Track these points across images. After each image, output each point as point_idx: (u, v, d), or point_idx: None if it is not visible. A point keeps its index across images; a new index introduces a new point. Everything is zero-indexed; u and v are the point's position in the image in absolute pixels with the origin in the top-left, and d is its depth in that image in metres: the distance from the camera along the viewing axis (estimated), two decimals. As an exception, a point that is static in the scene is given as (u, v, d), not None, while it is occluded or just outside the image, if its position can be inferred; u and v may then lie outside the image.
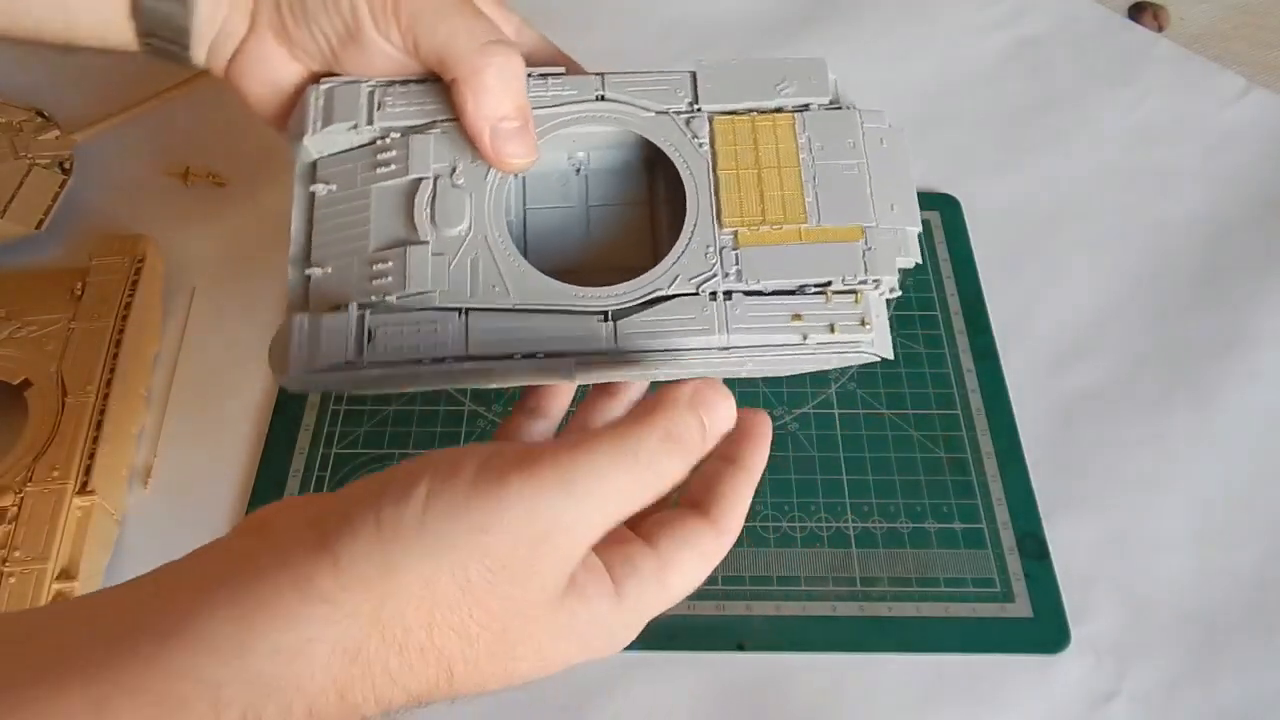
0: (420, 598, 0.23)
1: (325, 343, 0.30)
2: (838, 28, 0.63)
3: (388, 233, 0.31)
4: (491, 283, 0.31)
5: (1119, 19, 0.65)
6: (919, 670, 0.40)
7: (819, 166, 0.33)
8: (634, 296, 0.31)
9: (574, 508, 0.24)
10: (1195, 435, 0.46)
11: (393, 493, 0.23)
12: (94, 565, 0.40)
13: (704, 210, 0.32)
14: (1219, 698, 0.39)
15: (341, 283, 0.31)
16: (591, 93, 0.34)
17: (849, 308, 0.31)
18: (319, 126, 0.33)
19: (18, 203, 0.50)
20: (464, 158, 0.32)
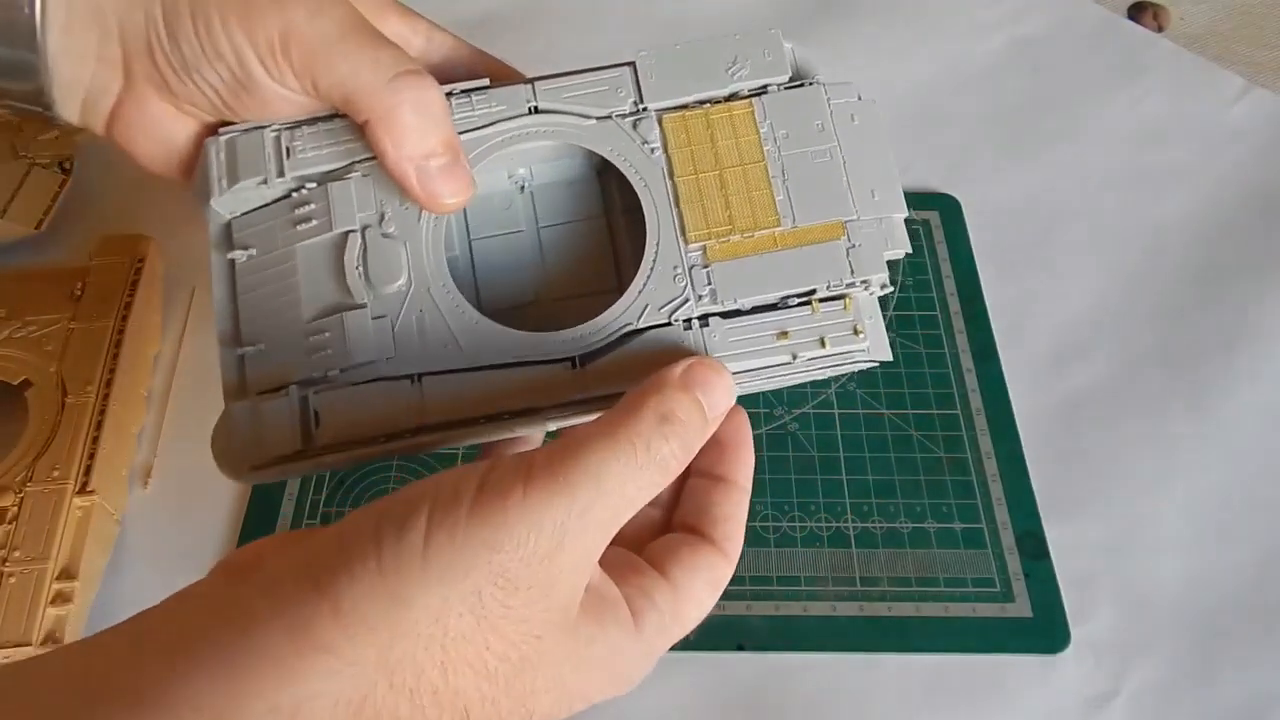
0: (430, 636, 0.21)
1: (269, 432, 0.27)
2: (838, 27, 0.63)
3: (321, 298, 0.28)
4: (442, 341, 0.28)
5: (1119, 19, 0.65)
6: (919, 670, 0.40)
7: (786, 158, 0.29)
8: (601, 336, 0.28)
9: (581, 512, 0.22)
10: (1195, 435, 0.46)
11: (391, 525, 0.22)
12: (94, 565, 0.40)
13: (665, 226, 0.29)
14: (1219, 698, 0.39)
15: (279, 361, 0.28)
16: (523, 105, 0.30)
17: (839, 316, 0.28)
18: (224, 186, 0.29)
19: (18, 203, 0.50)
20: (392, 201, 0.29)
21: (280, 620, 0.21)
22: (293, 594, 0.21)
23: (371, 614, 0.21)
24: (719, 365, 0.26)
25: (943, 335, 0.49)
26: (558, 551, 0.22)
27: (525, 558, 0.22)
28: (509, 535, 0.22)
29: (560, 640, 0.23)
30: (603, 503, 0.23)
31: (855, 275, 0.28)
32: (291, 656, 0.20)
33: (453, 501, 0.22)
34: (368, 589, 0.21)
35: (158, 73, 0.29)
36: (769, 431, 0.45)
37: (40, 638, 0.37)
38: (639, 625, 0.25)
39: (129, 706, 0.19)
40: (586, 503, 0.22)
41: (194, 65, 0.29)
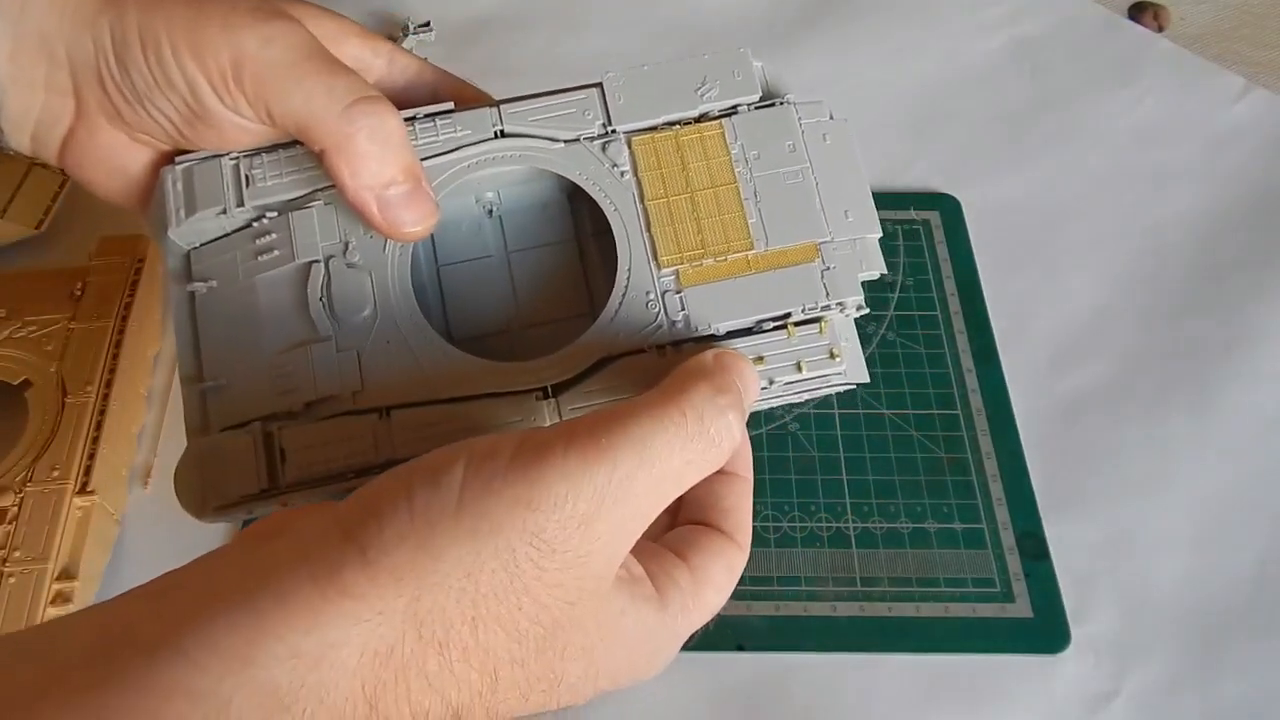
0: (462, 589, 0.20)
1: (232, 470, 0.26)
2: (837, 28, 0.63)
3: (284, 331, 0.27)
4: (410, 373, 0.27)
5: (1119, 19, 0.65)
6: (919, 670, 0.39)
7: (758, 179, 0.29)
8: (573, 365, 0.27)
9: (622, 479, 0.22)
10: (1195, 435, 0.46)
11: (424, 475, 0.21)
12: (94, 565, 0.40)
13: (637, 251, 0.28)
14: (1219, 698, 0.39)
15: (242, 396, 0.27)
16: (488, 129, 0.29)
17: (814, 339, 0.28)
18: (182, 216, 0.28)
19: (18, 203, 0.50)
20: (356, 230, 0.28)
21: (306, 566, 0.20)
22: (319, 542, 0.21)
23: (400, 562, 0.20)
24: (742, 355, 0.26)
25: (943, 335, 0.49)
26: (595, 518, 0.21)
27: (562, 520, 0.21)
28: (546, 493, 0.21)
29: (593, 609, 0.22)
30: (646, 472, 0.22)
31: (830, 298, 0.28)
32: (317, 600, 0.20)
33: (490, 456, 0.21)
34: (397, 536, 0.20)
35: (110, 102, 0.29)
36: (769, 431, 0.45)
37: (40, 638, 0.37)
38: (664, 604, 0.24)
39: (145, 653, 0.19)
40: (629, 470, 0.22)
41: (146, 95, 0.28)
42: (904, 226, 0.53)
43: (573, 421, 0.23)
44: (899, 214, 0.53)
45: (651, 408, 0.23)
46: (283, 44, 0.27)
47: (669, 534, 0.27)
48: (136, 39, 0.27)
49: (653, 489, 0.23)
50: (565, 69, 0.31)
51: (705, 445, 0.23)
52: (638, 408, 0.23)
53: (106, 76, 0.28)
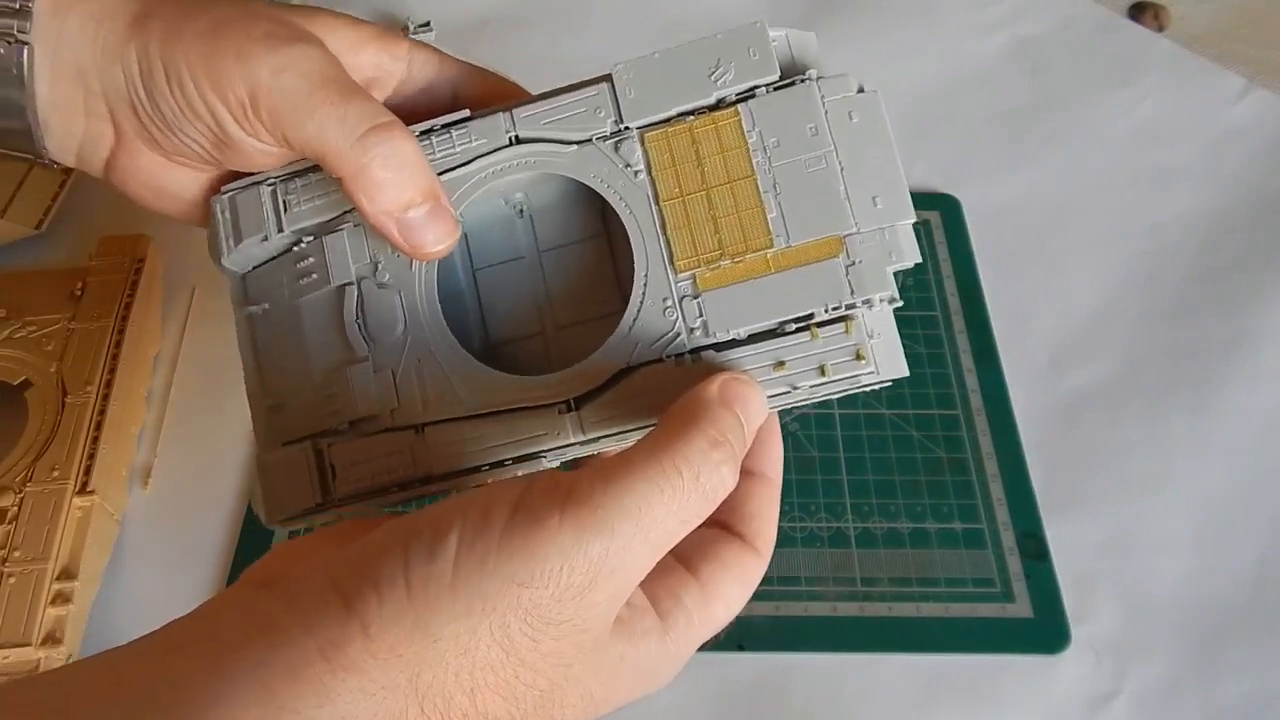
0: (459, 665, 0.21)
1: (292, 485, 0.27)
2: (838, 28, 0.63)
3: (327, 352, 0.28)
4: (441, 389, 0.27)
5: (1119, 19, 0.65)
6: (919, 670, 0.39)
7: (778, 169, 0.27)
8: (594, 378, 0.27)
9: (619, 549, 0.21)
10: (1195, 435, 0.46)
11: (420, 547, 0.21)
12: (94, 565, 0.40)
13: (654, 255, 0.27)
14: (1219, 698, 0.39)
15: (297, 414, 0.28)
16: (503, 136, 0.29)
17: (840, 340, 0.26)
18: (232, 245, 0.29)
19: (18, 203, 0.50)
20: (383, 249, 0.28)
21: (312, 638, 0.20)
22: (320, 610, 0.21)
23: (399, 641, 0.20)
24: (751, 380, 0.25)
25: (943, 335, 0.49)
26: (591, 588, 0.21)
27: (557, 594, 0.21)
28: (540, 568, 0.21)
29: (590, 664, 0.23)
30: (642, 537, 0.22)
31: (856, 295, 0.26)
32: (325, 675, 0.20)
33: (483, 526, 0.21)
34: (395, 614, 0.21)
35: (144, 129, 0.29)
36: (769, 431, 0.45)
37: (40, 638, 0.37)
38: (667, 628, 0.24)
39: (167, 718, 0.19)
40: (626, 538, 0.21)
41: (175, 124, 0.29)
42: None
43: (569, 481, 0.22)
44: (899, 214, 0.53)
45: (648, 469, 0.22)
46: (294, 73, 0.27)
47: (685, 540, 0.25)
48: (160, 70, 0.28)
49: (648, 553, 0.22)
50: (565, 69, 0.30)
51: (700, 501, 0.23)
52: (634, 468, 0.22)
53: (138, 106, 0.29)
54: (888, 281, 0.26)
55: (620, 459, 0.23)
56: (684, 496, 0.22)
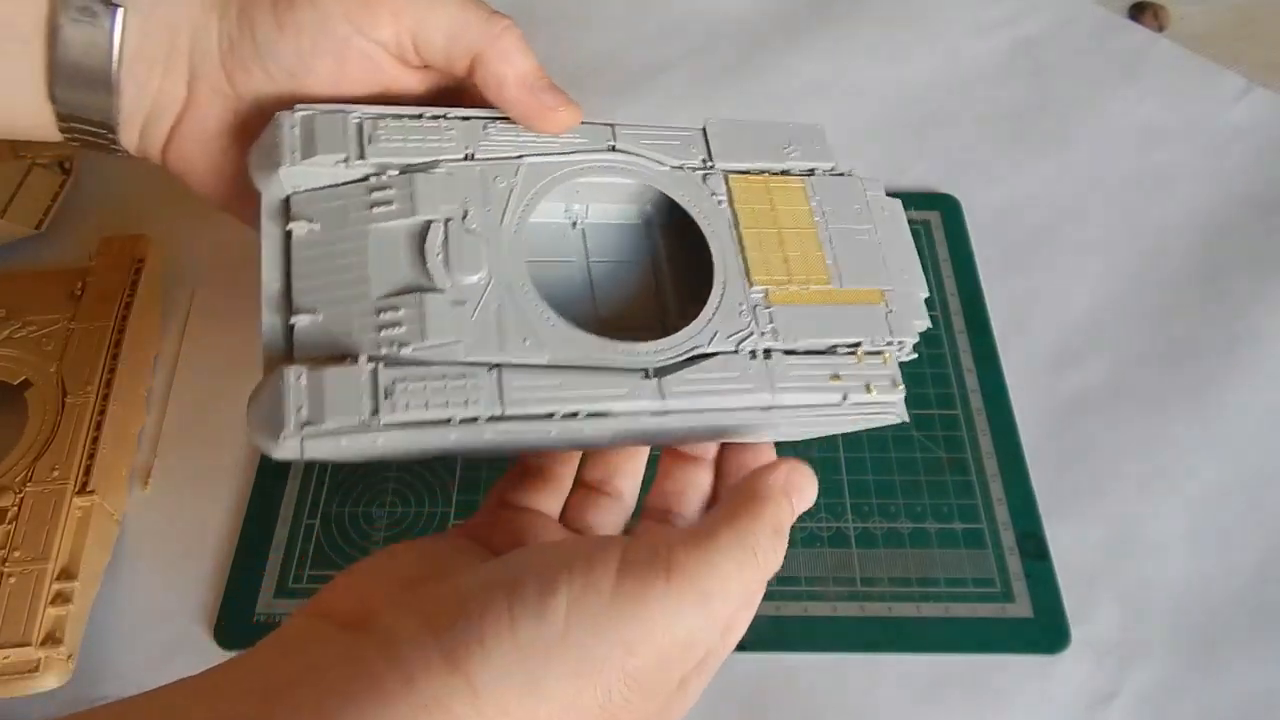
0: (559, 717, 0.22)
1: (331, 400, 0.26)
2: (838, 28, 0.63)
3: (394, 278, 0.28)
4: (521, 336, 0.28)
5: (1119, 19, 0.65)
6: (919, 670, 0.39)
7: (833, 230, 0.33)
8: (675, 353, 0.29)
9: (709, 618, 0.23)
10: (1195, 435, 0.46)
11: (526, 604, 0.22)
12: (94, 565, 0.40)
13: (732, 268, 0.31)
14: (1219, 698, 0.39)
15: (340, 332, 0.27)
16: (603, 142, 0.32)
17: (880, 368, 0.31)
18: (298, 158, 0.29)
19: (18, 203, 0.50)
20: (475, 201, 0.30)
21: (417, 696, 0.20)
22: (423, 665, 0.21)
23: (507, 698, 0.21)
24: (810, 472, 0.28)
25: (943, 335, 0.49)
26: (683, 654, 0.23)
27: (656, 659, 0.22)
28: (647, 635, 0.22)
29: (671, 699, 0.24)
30: (724, 604, 0.24)
31: (894, 335, 0.31)
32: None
33: (590, 585, 0.22)
34: (504, 672, 0.21)
35: (226, 79, 0.31)
36: (769, 431, 0.45)
37: (40, 638, 0.37)
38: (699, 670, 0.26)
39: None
40: (716, 609, 0.23)
41: (265, 48, 0.30)
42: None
43: (667, 550, 0.23)
44: (899, 214, 0.53)
45: (732, 546, 0.24)
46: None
47: None
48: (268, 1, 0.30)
49: (720, 621, 0.24)
50: (566, 68, 0.31)
51: (758, 579, 0.25)
52: (720, 544, 0.24)
53: (228, 48, 0.30)
54: (914, 330, 0.32)
55: (704, 533, 0.24)
56: (752, 573, 0.25)
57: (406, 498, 0.43)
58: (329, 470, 0.44)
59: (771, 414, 0.30)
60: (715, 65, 0.60)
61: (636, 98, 0.58)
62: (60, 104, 0.30)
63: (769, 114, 0.58)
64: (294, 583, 0.41)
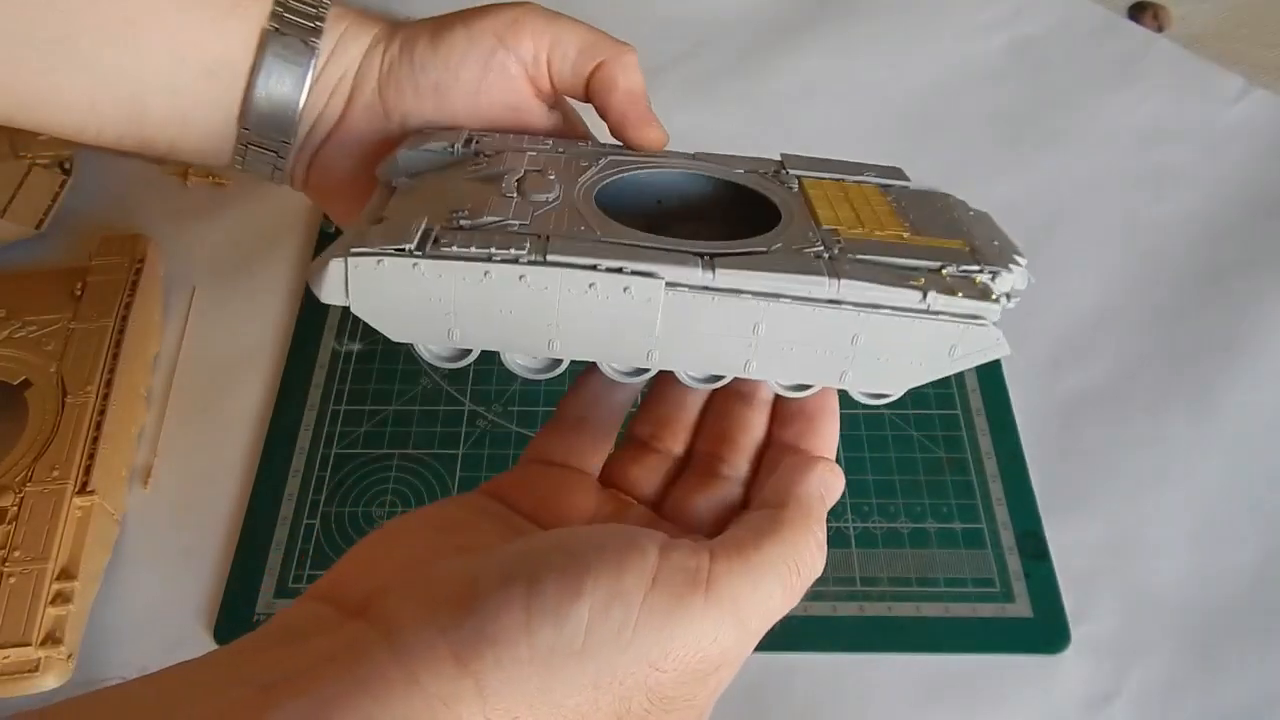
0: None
1: (381, 234, 0.26)
2: (838, 27, 0.63)
3: (470, 197, 0.28)
4: (578, 225, 0.27)
5: (1119, 19, 0.65)
6: (919, 670, 0.39)
7: (914, 215, 0.31)
8: (734, 249, 0.27)
9: (745, 637, 0.22)
10: (1195, 435, 0.46)
11: (546, 606, 0.20)
12: (94, 565, 0.40)
13: (798, 214, 0.30)
14: (1219, 698, 0.39)
15: (416, 211, 0.28)
16: (684, 156, 0.35)
17: (965, 284, 0.27)
18: (415, 143, 0.33)
19: (18, 203, 0.50)
20: (555, 166, 0.31)
21: (421, 693, 0.19)
22: (429, 662, 0.20)
23: (518, 705, 0.20)
24: (840, 471, 0.27)
25: (943, 335, 0.49)
26: (713, 674, 0.22)
27: (684, 677, 0.21)
28: (677, 651, 0.21)
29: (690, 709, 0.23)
30: (762, 624, 0.23)
31: (982, 263, 0.27)
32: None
33: (618, 594, 0.21)
34: (515, 678, 0.20)
35: (379, 99, 0.35)
36: (769, 431, 0.45)
37: (40, 637, 0.37)
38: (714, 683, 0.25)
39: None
40: (753, 630, 0.22)
41: (419, 63, 0.34)
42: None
43: (702, 558, 0.22)
44: (899, 214, 0.53)
45: (775, 564, 0.23)
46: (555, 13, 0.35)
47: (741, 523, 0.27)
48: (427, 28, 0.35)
49: (759, 633, 0.23)
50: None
51: (798, 595, 0.24)
52: (764, 562, 0.23)
53: (387, 71, 0.35)
54: (1010, 265, 0.28)
55: (746, 549, 0.23)
56: (793, 591, 0.24)
57: (407, 498, 0.43)
58: (329, 470, 0.44)
59: (840, 314, 0.26)
60: (715, 65, 0.60)
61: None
62: (247, 132, 0.34)
63: (769, 114, 0.59)
64: (294, 583, 0.41)
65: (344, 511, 0.43)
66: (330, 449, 0.45)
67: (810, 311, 0.26)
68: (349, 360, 0.48)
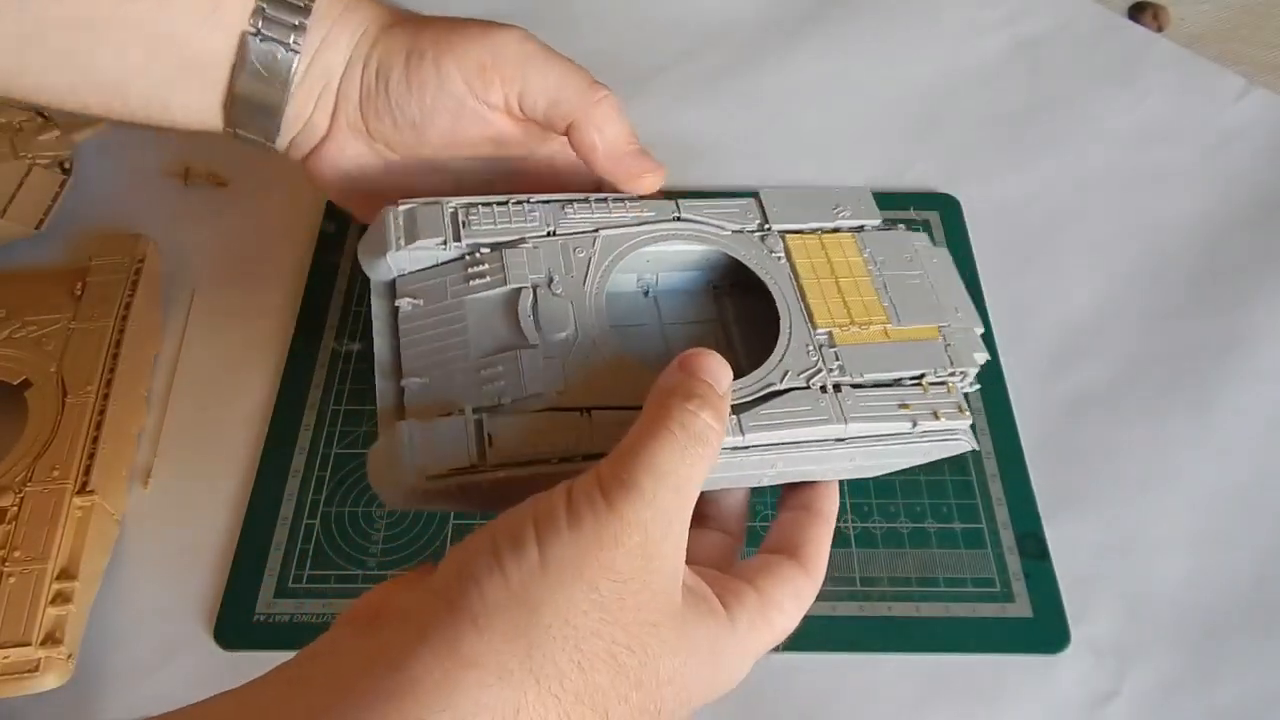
0: (564, 637, 0.23)
1: (441, 446, 0.28)
2: (837, 27, 0.63)
3: (491, 340, 0.31)
4: (609, 383, 0.31)
5: (1119, 19, 0.65)
6: (919, 670, 0.40)
7: (887, 276, 0.35)
8: (750, 391, 0.31)
9: (650, 504, 0.25)
10: (1195, 435, 0.46)
11: (505, 543, 0.24)
12: (94, 565, 0.40)
13: (795, 312, 0.34)
14: (1219, 698, 0.39)
15: (447, 390, 0.30)
16: (669, 214, 0.35)
17: (945, 397, 0.32)
18: (402, 244, 0.33)
19: (18, 203, 0.50)
20: (559, 268, 0.33)
21: (427, 646, 0.22)
22: (430, 617, 0.23)
23: (506, 623, 0.23)
24: (705, 350, 0.29)
25: (943, 335, 0.49)
26: (646, 542, 0.24)
27: (627, 551, 0.24)
28: (605, 532, 0.24)
29: (672, 626, 0.25)
30: (665, 486, 0.25)
31: (954, 365, 0.33)
32: (443, 678, 0.22)
33: (550, 517, 0.24)
34: (500, 601, 0.23)
35: (361, 119, 0.37)
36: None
37: (40, 637, 0.37)
38: (733, 620, 0.27)
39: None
40: (652, 493, 0.25)
41: (395, 100, 0.35)
42: (904, 226, 0.53)
43: (596, 471, 0.25)
44: (899, 214, 0.53)
45: (646, 436, 0.26)
46: (534, 44, 0.36)
47: (744, 562, 0.30)
48: (402, 54, 0.35)
49: (677, 501, 0.25)
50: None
51: (692, 442, 0.26)
52: (639, 440, 0.26)
53: (366, 95, 0.36)
54: (974, 362, 0.34)
55: (627, 441, 0.26)
56: (680, 444, 0.26)
57: (406, 498, 0.43)
58: (329, 470, 0.44)
59: (845, 445, 0.31)
60: (715, 65, 0.60)
61: (636, 98, 0.58)
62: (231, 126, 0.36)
63: (769, 114, 0.59)
64: (294, 583, 0.41)
65: (344, 511, 0.43)
66: (330, 449, 0.45)
67: (822, 445, 0.31)
68: (349, 360, 0.48)
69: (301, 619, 0.40)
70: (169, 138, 0.57)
